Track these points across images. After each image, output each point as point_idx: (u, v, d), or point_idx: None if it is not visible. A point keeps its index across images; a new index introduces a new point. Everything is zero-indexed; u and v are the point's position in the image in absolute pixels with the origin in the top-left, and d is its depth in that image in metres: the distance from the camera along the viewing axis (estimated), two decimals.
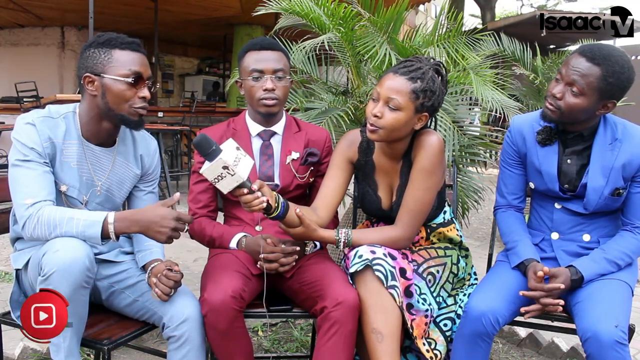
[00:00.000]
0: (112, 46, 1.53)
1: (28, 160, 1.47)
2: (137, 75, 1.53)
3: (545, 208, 1.81)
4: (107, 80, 1.51)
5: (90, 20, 5.82)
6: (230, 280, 1.56)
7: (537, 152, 1.75)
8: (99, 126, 1.59)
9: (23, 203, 1.43)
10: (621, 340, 1.42)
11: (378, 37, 2.60)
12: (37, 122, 1.50)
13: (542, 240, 1.80)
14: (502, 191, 1.86)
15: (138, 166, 1.71)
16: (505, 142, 1.85)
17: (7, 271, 3.27)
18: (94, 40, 1.55)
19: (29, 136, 1.48)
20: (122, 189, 1.68)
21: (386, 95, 1.59)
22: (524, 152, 1.79)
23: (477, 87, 2.53)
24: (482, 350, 1.57)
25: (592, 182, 1.68)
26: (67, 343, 1.40)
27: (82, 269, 1.35)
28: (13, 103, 8.00)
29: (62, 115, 1.56)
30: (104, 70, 1.52)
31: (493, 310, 1.56)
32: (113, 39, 1.54)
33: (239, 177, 1.46)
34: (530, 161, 1.78)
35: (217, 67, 14.08)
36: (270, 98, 1.76)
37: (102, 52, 1.53)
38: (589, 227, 1.74)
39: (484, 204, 3.01)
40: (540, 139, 1.74)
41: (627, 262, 1.68)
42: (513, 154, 1.82)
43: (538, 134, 1.75)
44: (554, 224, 1.78)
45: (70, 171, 1.56)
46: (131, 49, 1.54)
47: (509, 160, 1.83)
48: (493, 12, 14.35)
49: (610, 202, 1.70)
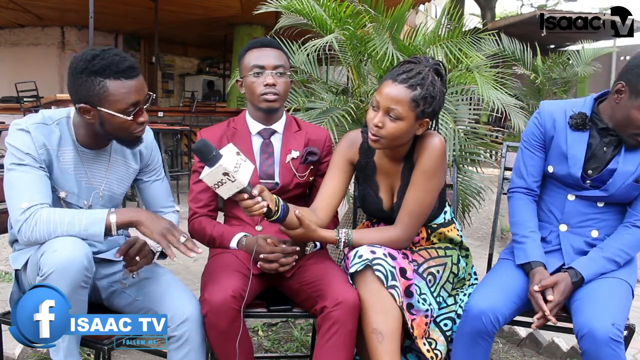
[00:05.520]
0: (106, 76, 1.44)
1: (24, 164, 1.45)
2: (135, 105, 1.48)
3: (556, 199, 1.79)
4: (104, 114, 1.47)
5: (90, 20, 5.82)
6: (230, 280, 1.56)
7: (567, 135, 1.74)
8: (95, 139, 1.58)
9: (19, 207, 1.42)
10: (616, 338, 1.42)
11: (384, 37, 2.60)
12: (31, 128, 1.48)
13: (549, 233, 1.78)
14: (521, 172, 1.83)
15: (136, 161, 1.71)
16: (531, 124, 1.83)
17: (7, 271, 3.27)
18: (86, 65, 1.45)
19: (24, 142, 1.47)
20: (122, 186, 1.68)
21: (386, 105, 1.58)
22: (551, 135, 1.77)
23: (481, 87, 2.53)
24: (483, 349, 1.57)
25: (622, 166, 1.68)
26: (66, 343, 1.40)
27: (80, 268, 1.34)
28: (13, 103, 7.99)
29: (55, 122, 1.54)
30: (100, 103, 1.45)
31: (493, 309, 1.55)
32: (106, 67, 1.44)
33: (239, 183, 1.45)
34: (557, 144, 1.76)
35: (217, 67, 14.08)
36: (272, 93, 1.76)
37: (96, 82, 1.44)
38: (599, 223, 1.74)
39: (484, 204, 3.01)
40: (574, 122, 1.72)
41: (625, 259, 1.68)
42: (539, 135, 1.80)
43: (572, 118, 1.73)
44: (564, 216, 1.77)
45: (68, 177, 1.55)
46: (127, 77, 1.46)
47: (533, 142, 1.81)
48: (493, 12, 14.35)
49: (631, 190, 1.69)
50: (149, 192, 1.77)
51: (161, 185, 1.79)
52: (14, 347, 2.17)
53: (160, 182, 1.79)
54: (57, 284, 1.32)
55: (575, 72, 5.07)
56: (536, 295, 1.60)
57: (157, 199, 1.78)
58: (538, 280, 1.62)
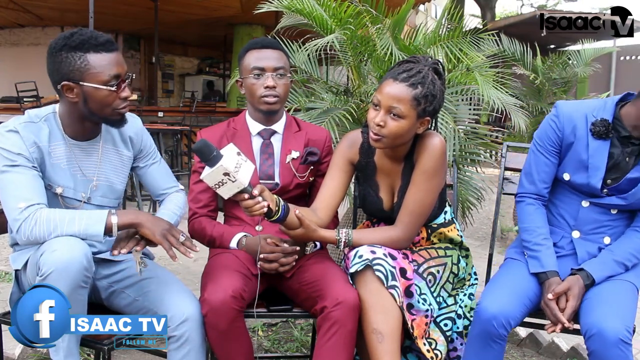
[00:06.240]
0: (86, 50, 1.45)
1: (16, 165, 1.45)
2: (117, 77, 1.49)
3: (569, 205, 1.74)
4: (88, 88, 1.47)
5: (90, 20, 5.82)
6: (230, 280, 1.56)
7: (589, 144, 1.65)
8: (81, 126, 1.58)
9: (16, 207, 1.41)
10: (626, 340, 1.42)
11: (386, 37, 2.60)
12: (20, 128, 1.48)
13: (561, 239, 1.75)
14: (532, 177, 1.75)
15: (129, 148, 1.71)
16: (547, 126, 1.72)
17: (7, 271, 3.27)
18: (65, 42, 1.46)
19: (14, 143, 1.46)
20: (119, 175, 1.68)
21: (387, 104, 1.58)
22: (571, 141, 1.68)
23: (481, 86, 2.53)
24: (495, 352, 1.55)
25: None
26: (65, 343, 1.40)
27: (80, 268, 1.34)
28: (13, 103, 8.00)
29: (42, 118, 1.54)
30: (82, 77, 1.46)
31: (505, 313, 1.53)
32: (86, 41, 1.45)
33: (240, 183, 1.45)
34: (576, 152, 1.67)
35: (217, 67, 14.09)
36: (272, 95, 1.76)
37: (77, 57, 1.45)
38: (612, 229, 1.71)
39: (484, 204, 3.01)
40: (596, 130, 1.64)
41: (634, 262, 1.67)
42: (556, 140, 1.70)
43: (594, 125, 1.65)
44: (577, 222, 1.72)
45: (62, 172, 1.55)
46: (107, 50, 1.47)
47: (548, 146, 1.71)
48: (493, 12, 14.36)
49: None
50: (149, 177, 1.78)
51: (159, 167, 1.79)
52: (14, 347, 2.17)
53: (158, 164, 1.79)
54: (57, 284, 1.32)
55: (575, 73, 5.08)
56: (551, 305, 1.57)
57: (158, 181, 1.79)
58: (552, 290, 1.59)
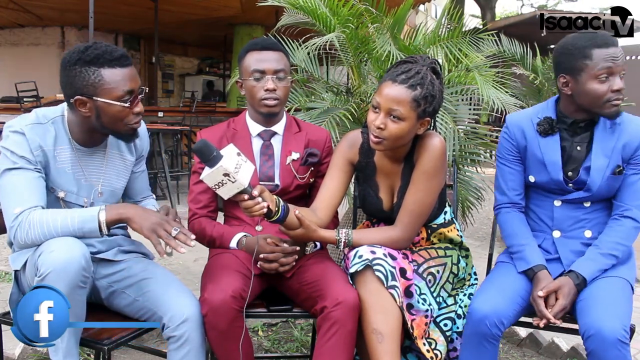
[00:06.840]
0: (100, 64, 1.45)
1: (17, 168, 1.45)
2: (131, 93, 1.49)
3: (544, 207, 1.80)
4: (101, 104, 1.47)
5: (90, 20, 5.82)
6: (230, 280, 1.56)
7: (539, 143, 1.75)
8: (90, 135, 1.58)
9: (12, 213, 1.42)
10: (624, 340, 1.42)
11: (386, 37, 2.60)
12: (26, 130, 1.48)
13: (543, 241, 1.78)
14: (502, 188, 1.84)
15: (132, 153, 1.72)
16: (502, 139, 1.84)
17: (7, 271, 3.27)
18: (79, 57, 1.46)
19: (19, 145, 1.46)
20: (121, 179, 1.69)
21: (387, 106, 1.58)
22: (524, 145, 1.78)
23: (481, 86, 2.53)
24: (489, 352, 1.56)
25: (595, 162, 1.69)
26: (65, 343, 1.39)
27: (78, 268, 1.34)
28: (13, 103, 8.00)
29: (50, 120, 1.54)
30: (96, 93, 1.46)
31: (497, 312, 1.54)
32: (100, 56, 1.45)
33: (240, 184, 1.45)
34: (532, 153, 1.77)
35: (217, 67, 14.08)
36: (272, 98, 1.76)
37: (91, 72, 1.45)
38: (590, 222, 1.74)
39: (484, 204, 3.01)
40: (542, 129, 1.74)
41: (623, 251, 1.68)
42: (512, 149, 1.81)
43: (539, 125, 1.75)
44: (555, 222, 1.77)
45: (66, 177, 1.55)
46: (121, 65, 1.47)
47: (507, 156, 1.82)
48: (493, 12, 14.37)
49: (612, 183, 1.70)
50: (136, 182, 1.79)
51: (144, 174, 1.82)
52: (14, 347, 2.17)
53: (143, 172, 1.82)
54: (55, 284, 1.31)
55: None
56: (538, 300, 1.59)
57: (142, 187, 1.82)
58: (542, 285, 1.61)
